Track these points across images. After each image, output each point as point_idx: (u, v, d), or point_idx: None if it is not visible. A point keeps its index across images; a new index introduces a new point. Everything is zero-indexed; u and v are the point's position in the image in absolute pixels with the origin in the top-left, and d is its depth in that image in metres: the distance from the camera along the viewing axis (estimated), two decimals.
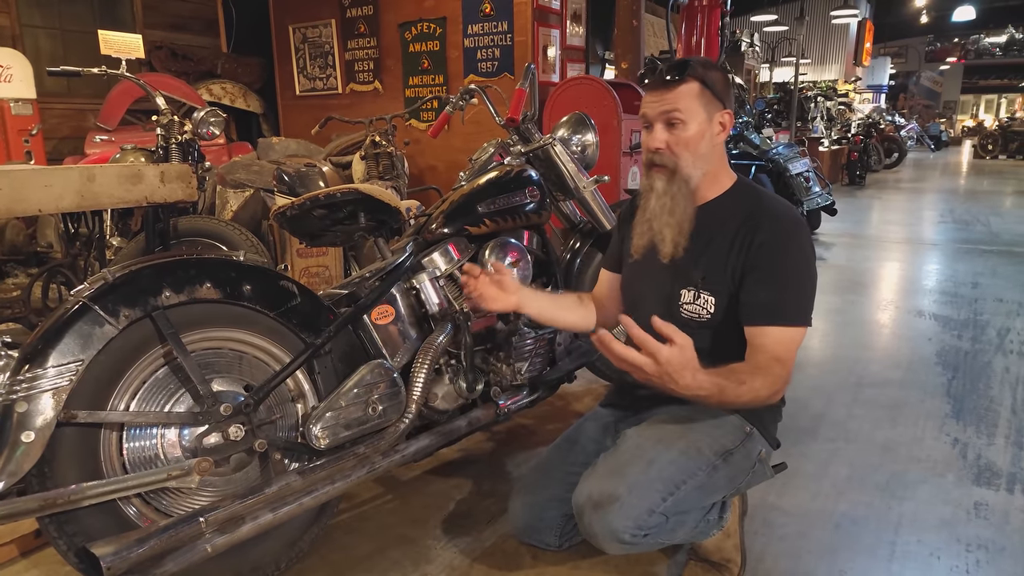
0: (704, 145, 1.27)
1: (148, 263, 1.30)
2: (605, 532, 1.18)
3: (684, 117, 1.24)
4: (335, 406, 1.44)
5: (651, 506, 1.19)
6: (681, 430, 1.28)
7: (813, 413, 2.21)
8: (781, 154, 5.61)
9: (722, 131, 1.28)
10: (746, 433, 1.32)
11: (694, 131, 1.25)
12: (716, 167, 1.31)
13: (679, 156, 1.27)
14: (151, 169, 1.98)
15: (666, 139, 1.27)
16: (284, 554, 1.40)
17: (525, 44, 4.24)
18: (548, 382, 1.88)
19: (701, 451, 1.26)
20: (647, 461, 1.23)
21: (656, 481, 1.21)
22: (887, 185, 9.59)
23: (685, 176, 1.28)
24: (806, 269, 1.25)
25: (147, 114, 4.47)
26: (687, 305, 1.31)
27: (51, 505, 1.11)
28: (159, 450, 1.29)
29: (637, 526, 1.18)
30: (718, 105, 1.26)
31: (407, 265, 1.73)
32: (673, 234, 1.30)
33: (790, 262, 1.24)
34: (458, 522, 1.64)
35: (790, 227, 1.26)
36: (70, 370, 1.15)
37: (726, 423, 1.31)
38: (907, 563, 1.46)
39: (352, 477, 1.42)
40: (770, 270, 1.23)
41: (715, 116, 1.26)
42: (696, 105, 1.24)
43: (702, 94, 1.24)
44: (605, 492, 1.19)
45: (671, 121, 1.26)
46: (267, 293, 1.41)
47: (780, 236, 1.24)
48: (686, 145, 1.26)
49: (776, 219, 1.26)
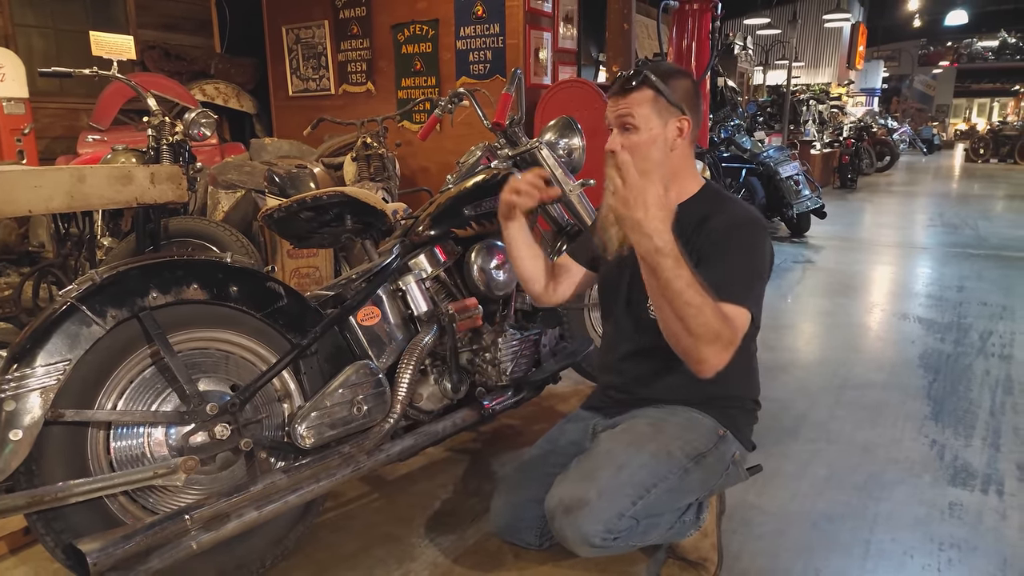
0: (656, 150, 1.31)
1: (136, 264, 1.32)
2: (575, 536, 1.20)
3: (636, 122, 1.29)
4: (320, 406, 1.46)
5: (620, 510, 1.20)
6: (653, 433, 1.30)
7: (795, 414, 2.24)
8: (772, 157, 5.65)
9: (679, 136, 1.31)
10: (719, 436, 1.34)
11: (646, 136, 1.30)
12: (678, 171, 1.35)
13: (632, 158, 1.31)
14: (141, 170, 1.99)
15: (620, 142, 1.31)
16: (269, 552, 1.42)
17: (517, 47, 4.27)
18: (533, 383, 1.91)
19: (672, 454, 1.28)
20: (617, 465, 1.25)
21: (626, 485, 1.22)
22: (878, 188, 9.66)
23: None
24: (749, 257, 1.25)
25: (140, 114, 4.48)
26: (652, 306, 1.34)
27: (39, 502, 1.13)
28: (146, 449, 1.31)
29: (607, 530, 1.20)
30: (674, 111, 1.30)
31: (394, 267, 1.75)
32: (620, 234, 1.31)
33: (733, 248, 1.25)
34: (442, 520, 1.66)
35: (739, 221, 1.29)
36: (58, 369, 1.17)
37: (699, 426, 1.33)
38: (881, 561, 1.49)
39: (337, 476, 1.44)
40: (715, 255, 1.25)
41: (670, 122, 1.30)
42: (648, 111, 1.29)
43: (655, 101, 1.29)
44: (575, 496, 1.21)
45: (625, 126, 1.31)
46: (254, 294, 1.43)
47: (725, 226, 1.27)
48: (636, 148, 1.29)
49: (728, 215, 1.29)
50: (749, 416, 1.42)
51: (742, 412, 1.40)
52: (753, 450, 1.43)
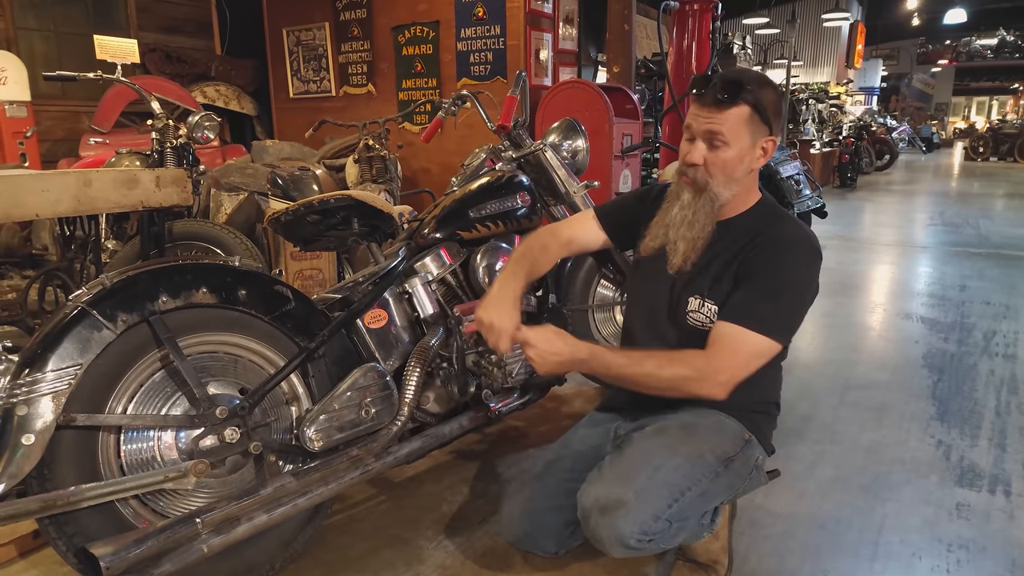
0: (741, 170, 1.26)
1: (145, 268, 1.33)
2: (611, 537, 1.19)
3: (728, 140, 1.23)
4: (329, 409, 1.46)
5: (657, 512, 1.19)
6: (685, 436, 1.29)
7: (800, 415, 2.25)
8: (772, 157, 5.65)
9: (763, 156, 1.26)
10: (745, 440, 1.33)
11: (734, 155, 1.24)
12: (746, 188, 1.31)
13: (713, 176, 1.26)
14: (147, 174, 2.00)
15: (705, 156, 1.25)
16: (279, 554, 1.43)
17: (518, 48, 4.27)
18: (539, 384, 1.91)
19: (704, 457, 1.26)
20: (654, 467, 1.23)
21: (663, 487, 1.21)
22: (878, 187, 9.67)
23: (714, 195, 1.27)
24: (793, 286, 1.24)
25: (141, 116, 4.48)
26: (693, 313, 1.33)
27: (51, 506, 1.13)
28: (156, 452, 1.31)
29: (643, 532, 1.18)
30: (765, 131, 1.25)
31: (400, 270, 1.75)
32: (686, 247, 1.30)
33: (778, 273, 1.24)
34: (450, 523, 1.67)
35: (791, 244, 1.26)
36: (69, 374, 1.17)
37: (727, 429, 1.33)
38: (889, 563, 1.50)
39: (345, 479, 1.44)
40: (757, 277, 1.25)
41: (759, 141, 1.25)
42: (743, 130, 1.23)
43: (751, 119, 1.23)
44: (612, 497, 1.20)
45: (714, 143, 1.24)
46: (262, 297, 1.44)
47: (777, 249, 1.25)
48: (723, 167, 1.25)
49: (782, 236, 1.27)
50: (771, 421, 1.42)
51: (765, 417, 1.39)
52: (772, 454, 1.43)
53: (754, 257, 1.26)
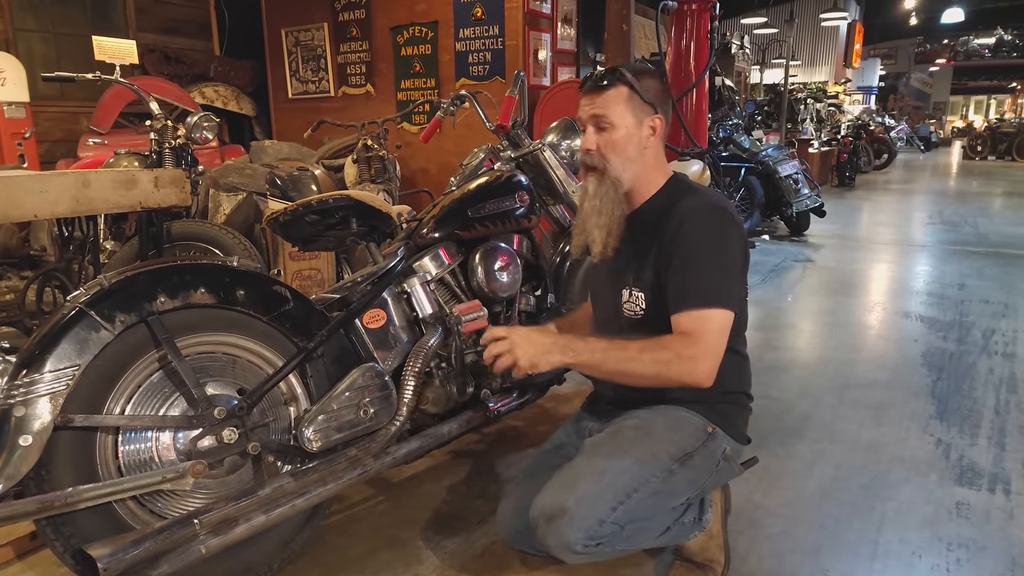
0: (632, 148, 1.31)
1: (143, 269, 1.33)
2: (557, 544, 1.21)
3: (612, 120, 1.29)
4: (327, 409, 1.46)
5: (601, 516, 1.20)
6: (638, 436, 1.30)
7: (799, 414, 2.25)
8: (771, 156, 5.66)
9: (652, 134, 1.32)
10: (708, 434, 1.33)
11: (621, 134, 1.30)
12: (649, 169, 1.35)
13: (607, 159, 1.31)
14: (145, 174, 2.00)
15: (596, 141, 1.31)
16: (277, 555, 1.42)
17: (516, 48, 4.27)
18: (537, 384, 1.91)
19: (657, 456, 1.27)
20: (599, 472, 1.24)
21: (606, 491, 1.22)
22: (876, 186, 9.68)
23: (614, 178, 1.32)
24: (716, 251, 1.26)
25: (140, 117, 4.48)
26: (626, 304, 1.37)
27: (48, 507, 1.13)
28: (154, 453, 1.31)
29: (588, 536, 1.19)
30: (648, 110, 1.31)
31: (398, 270, 1.75)
32: (602, 235, 1.34)
33: (698, 246, 1.26)
34: (449, 523, 1.66)
35: (702, 214, 1.28)
36: (67, 375, 1.17)
37: (686, 424, 1.32)
38: (889, 562, 1.50)
39: (344, 479, 1.44)
40: (680, 258, 1.26)
41: (644, 120, 1.31)
42: (623, 109, 1.29)
43: (630, 99, 1.29)
44: (555, 505, 1.22)
45: (600, 125, 1.30)
46: (260, 298, 1.43)
47: (688, 223, 1.27)
48: (613, 147, 1.30)
49: (690, 209, 1.29)
50: (742, 410, 1.42)
51: (734, 407, 1.39)
52: (748, 444, 1.43)
53: (667, 239, 1.28)
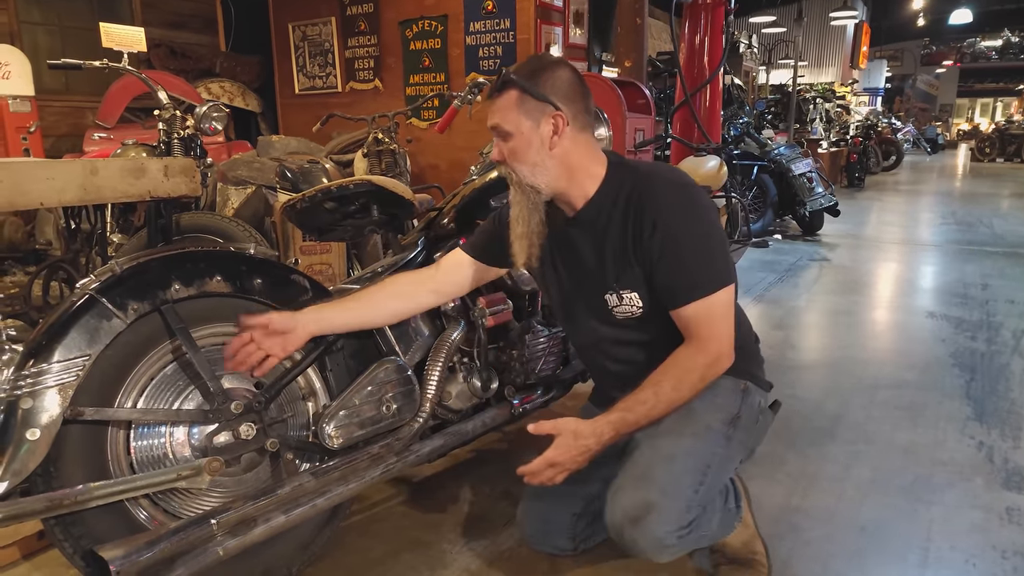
0: (535, 152, 1.22)
1: (157, 255, 1.26)
2: (650, 543, 1.15)
3: (508, 128, 1.22)
4: (348, 404, 1.39)
5: (687, 502, 1.16)
6: (681, 414, 1.23)
7: (829, 414, 2.17)
8: (783, 154, 5.59)
9: (556, 132, 1.21)
10: (743, 390, 1.30)
11: (520, 140, 1.22)
12: (571, 168, 1.25)
13: (514, 167, 1.25)
14: (155, 163, 1.93)
15: (500, 151, 1.25)
16: (296, 557, 1.35)
17: (528, 42, 4.21)
18: (562, 381, 1.84)
19: (711, 427, 1.24)
20: (668, 458, 1.19)
21: (683, 475, 1.18)
22: (886, 187, 9.59)
23: (528, 184, 1.25)
24: (698, 234, 1.20)
25: (146, 112, 4.42)
26: (616, 308, 1.29)
27: (58, 506, 1.06)
28: (168, 449, 1.24)
29: (679, 527, 1.15)
30: (545, 108, 1.20)
31: (419, 261, 1.69)
32: (523, 245, 1.28)
33: (680, 236, 1.19)
34: (473, 525, 1.59)
35: (670, 199, 1.22)
36: (77, 365, 1.10)
37: (720, 389, 1.27)
38: (941, 570, 1.42)
39: (366, 478, 1.37)
40: (668, 252, 1.20)
41: (543, 120, 1.20)
42: (515, 114, 1.21)
43: (521, 101, 1.20)
44: (638, 503, 1.16)
45: (500, 133, 1.24)
46: (278, 287, 1.37)
47: (661, 214, 1.20)
48: (515, 155, 1.24)
49: (657, 195, 1.22)
50: (756, 356, 1.39)
51: (749, 356, 1.35)
52: (771, 389, 1.39)
53: (643, 234, 1.21)
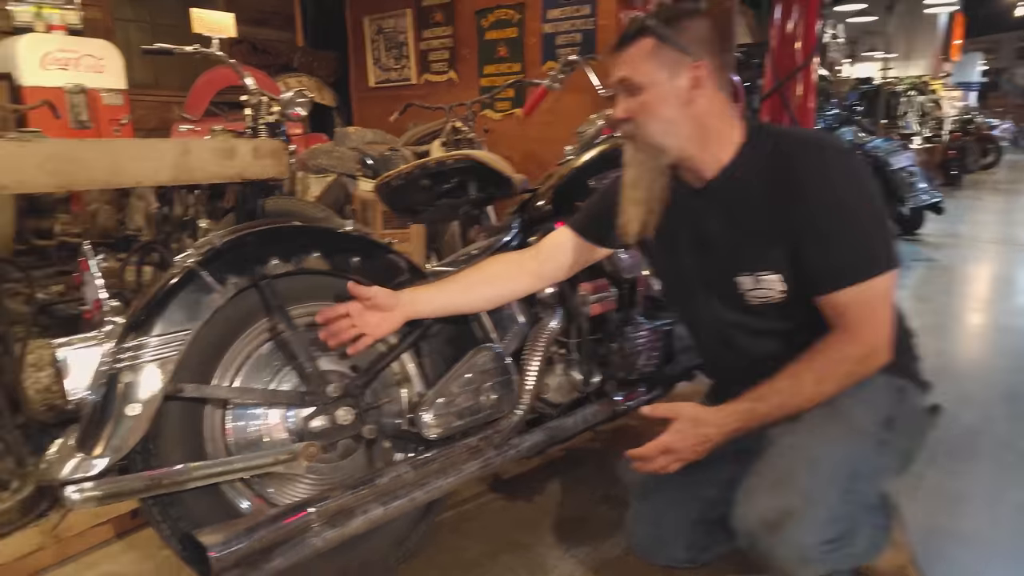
0: (670, 108, 1.08)
1: (254, 228, 1.20)
2: (791, 555, 1.00)
3: (638, 81, 1.08)
4: (446, 392, 1.30)
5: (832, 511, 1.01)
6: (827, 413, 1.06)
7: (965, 427, 1.92)
8: (880, 147, 5.21)
9: (695, 86, 1.07)
10: (900, 389, 1.11)
11: (653, 94, 1.08)
12: (707, 128, 1.10)
13: (640, 124, 1.11)
14: (244, 144, 1.92)
15: (625, 108, 1.11)
16: (392, 553, 1.27)
17: (609, 28, 4.05)
18: (666, 379, 1.70)
19: (862, 429, 1.06)
20: (811, 460, 1.04)
21: (830, 482, 1.02)
22: (986, 186, 8.87)
23: (653, 144, 1.11)
24: (858, 209, 1.04)
25: (231, 106, 4.53)
26: (751, 292, 1.12)
27: (158, 485, 1.01)
28: (263, 432, 1.18)
29: (824, 539, 1.00)
30: (684, 59, 1.06)
31: (514, 244, 1.58)
32: (639, 212, 1.15)
33: (840, 208, 1.03)
34: (573, 528, 1.47)
35: (827, 166, 1.05)
36: (178, 339, 1.05)
37: (872, 387, 1.08)
38: None
39: (464, 472, 1.27)
40: (822, 228, 1.03)
41: (681, 72, 1.07)
42: (649, 65, 1.07)
43: (656, 50, 1.07)
44: (777, 509, 1.00)
45: (628, 88, 1.10)
46: (376, 267, 1.29)
47: (818, 182, 1.04)
48: (646, 110, 1.09)
49: (809, 162, 1.05)
50: (913, 351, 1.19)
51: (904, 351, 1.15)
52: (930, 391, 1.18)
53: (794, 209, 1.04)
